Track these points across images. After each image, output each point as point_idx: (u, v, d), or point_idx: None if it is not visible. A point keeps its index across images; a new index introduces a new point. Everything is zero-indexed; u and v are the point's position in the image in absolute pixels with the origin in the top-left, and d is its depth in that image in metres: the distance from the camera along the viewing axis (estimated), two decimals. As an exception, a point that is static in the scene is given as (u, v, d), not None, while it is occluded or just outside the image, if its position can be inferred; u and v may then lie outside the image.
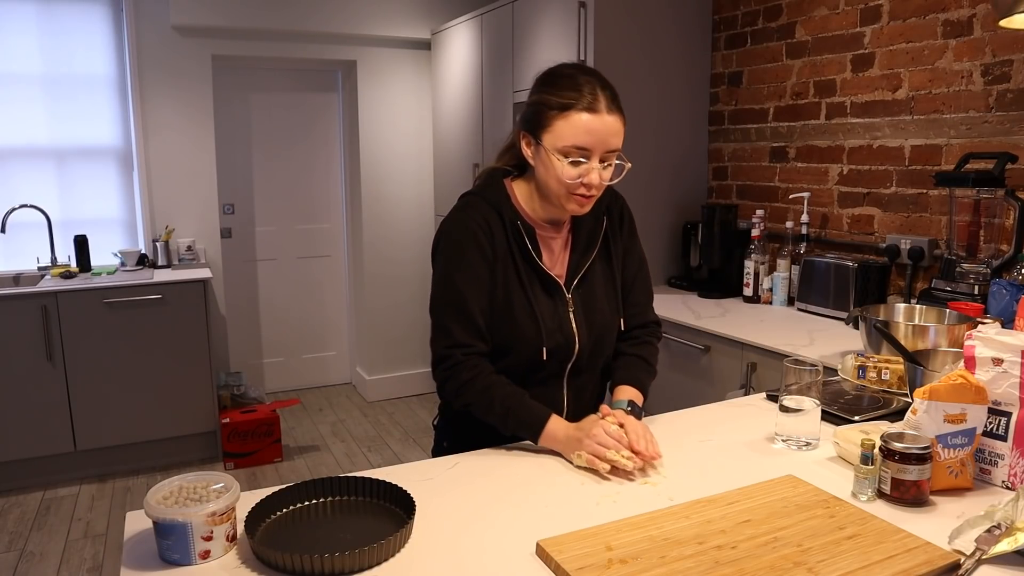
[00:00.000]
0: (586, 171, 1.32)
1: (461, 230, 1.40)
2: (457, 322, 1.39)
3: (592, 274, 1.49)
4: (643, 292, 1.58)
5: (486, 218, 1.41)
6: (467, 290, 1.38)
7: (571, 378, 1.50)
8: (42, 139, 3.91)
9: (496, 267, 1.40)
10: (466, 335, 1.39)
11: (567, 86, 1.32)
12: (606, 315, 1.50)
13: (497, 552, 1.05)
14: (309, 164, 4.74)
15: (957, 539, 1.04)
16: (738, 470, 1.32)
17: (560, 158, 1.32)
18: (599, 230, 1.49)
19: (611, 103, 1.32)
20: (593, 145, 1.31)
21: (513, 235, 1.41)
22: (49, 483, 3.55)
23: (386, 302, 4.72)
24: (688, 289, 3.19)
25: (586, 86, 1.32)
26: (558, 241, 1.48)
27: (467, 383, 1.38)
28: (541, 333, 1.42)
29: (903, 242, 2.54)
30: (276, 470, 3.74)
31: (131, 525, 1.12)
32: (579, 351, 1.46)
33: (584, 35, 3.04)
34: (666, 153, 3.28)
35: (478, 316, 1.39)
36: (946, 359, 1.50)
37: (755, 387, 2.33)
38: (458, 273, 1.39)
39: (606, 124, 1.31)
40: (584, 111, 1.30)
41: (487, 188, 1.46)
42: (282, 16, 4.15)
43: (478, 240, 1.39)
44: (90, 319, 3.46)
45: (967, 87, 2.38)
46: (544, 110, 1.33)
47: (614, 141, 1.33)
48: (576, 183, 1.33)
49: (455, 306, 1.39)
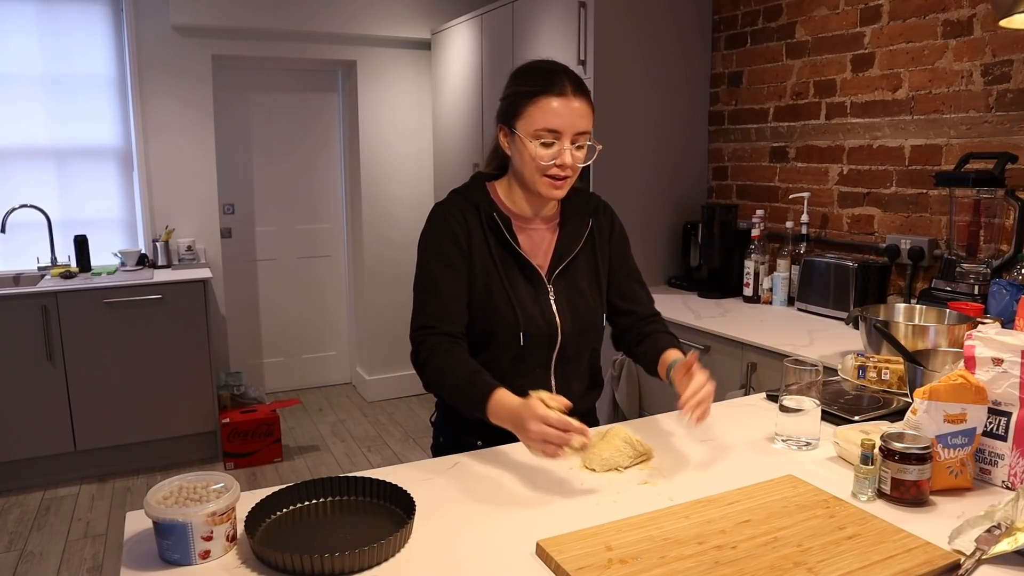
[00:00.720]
0: (558, 152, 1.41)
1: (437, 223, 1.49)
2: (425, 305, 1.46)
3: (576, 266, 1.54)
4: (644, 290, 1.65)
5: (462, 212, 1.49)
6: (439, 276, 1.46)
7: (557, 367, 1.53)
8: (42, 139, 3.91)
9: (473, 257, 1.47)
10: (431, 317, 1.45)
11: (535, 76, 1.43)
12: (590, 306, 1.54)
13: (497, 552, 1.05)
14: (309, 164, 4.74)
15: (957, 539, 1.04)
16: (738, 470, 1.32)
17: (533, 141, 1.40)
18: (584, 227, 1.55)
19: (576, 88, 1.41)
20: (563, 127, 1.39)
21: (489, 225, 1.49)
22: (49, 483, 3.55)
23: (386, 302, 4.72)
24: (688, 289, 3.19)
25: (552, 75, 1.41)
26: (543, 233, 1.54)
27: (424, 362, 1.43)
28: (518, 317, 1.46)
29: (903, 242, 2.54)
30: (276, 470, 3.74)
31: (131, 525, 1.12)
32: (562, 338, 1.50)
33: (584, 35, 3.04)
34: (666, 153, 3.28)
35: (449, 299, 1.45)
36: (946, 359, 1.50)
37: (755, 387, 2.33)
38: (431, 261, 1.47)
39: (572, 107, 1.40)
40: (552, 96, 1.39)
41: (469, 187, 1.56)
42: (282, 16, 4.15)
43: (452, 231, 1.47)
44: (90, 319, 3.46)
45: (967, 87, 2.38)
46: (516, 100, 1.43)
47: (582, 123, 1.41)
48: (549, 164, 1.41)
49: (425, 291, 1.47)
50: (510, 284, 1.47)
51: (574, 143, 1.41)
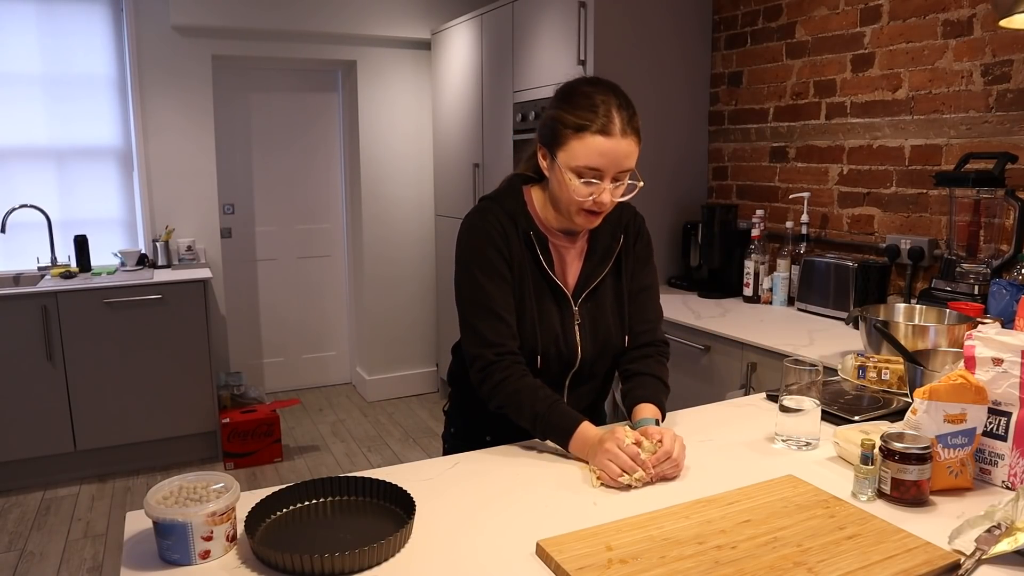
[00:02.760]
0: (597, 191, 1.35)
1: (480, 231, 1.43)
2: (485, 321, 1.41)
3: (602, 288, 1.50)
4: (654, 310, 1.57)
5: (502, 224, 1.43)
6: (491, 288, 1.41)
7: (572, 386, 1.52)
8: (42, 139, 3.91)
9: (513, 271, 1.43)
10: (495, 334, 1.40)
11: (584, 105, 1.33)
12: (611, 329, 1.50)
13: (497, 552, 1.05)
14: (309, 164, 4.74)
15: (957, 539, 1.04)
16: (738, 470, 1.32)
17: (572, 177, 1.34)
18: (615, 246, 1.51)
19: (626, 125, 1.32)
20: (606, 167, 1.32)
21: (526, 244, 1.44)
22: (49, 483, 3.55)
23: (386, 302, 4.72)
24: (688, 289, 3.19)
25: (602, 106, 1.32)
26: (572, 251, 1.50)
27: (498, 385, 1.39)
28: (539, 342, 1.44)
29: (903, 242, 2.54)
30: (276, 470, 3.74)
31: (131, 525, 1.12)
32: (581, 362, 1.49)
33: (584, 35, 3.04)
34: (666, 153, 3.28)
35: (505, 313, 1.41)
36: (946, 359, 1.50)
37: (755, 387, 2.33)
38: (481, 272, 1.41)
39: (619, 147, 1.32)
40: (598, 133, 1.31)
41: (505, 194, 1.48)
42: (282, 16, 4.15)
43: (496, 243, 1.42)
44: (90, 319, 3.46)
45: (967, 87, 2.38)
46: (560, 128, 1.34)
47: (627, 163, 1.34)
48: (587, 200, 1.35)
49: (481, 305, 1.41)
50: (538, 306, 1.44)
51: (615, 180, 1.35)
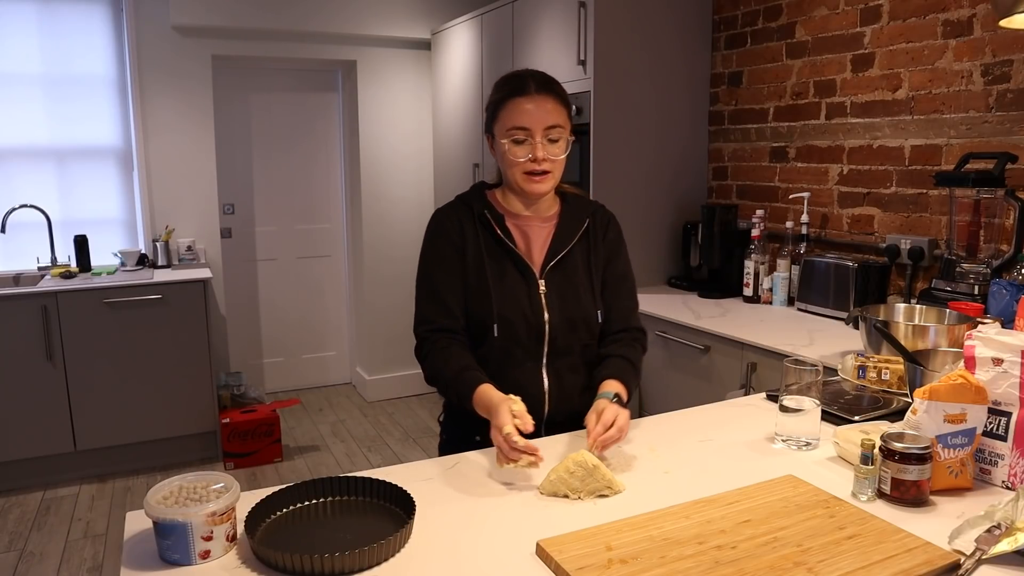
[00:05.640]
0: (530, 148, 1.49)
1: (433, 225, 1.60)
2: (423, 301, 1.56)
3: (571, 262, 1.58)
4: (629, 297, 1.66)
5: (456, 212, 1.59)
6: (435, 272, 1.55)
7: (550, 362, 1.55)
8: (42, 139, 3.91)
9: (466, 253, 1.55)
10: (431, 312, 1.54)
11: (504, 83, 1.54)
12: (580, 300, 1.57)
13: (497, 552, 1.05)
14: (309, 164, 4.74)
15: (957, 539, 1.04)
16: (738, 470, 1.32)
17: (507, 142, 1.50)
18: (580, 226, 1.61)
19: (540, 85, 1.50)
20: (530, 123, 1.48)
21: (481, 222, 1.57)
22: (49, 483, 3.55)
23: (386, 302, 4.72)
24: (688, 289, 3.19)
25: (516, 78, 1.52)
26: (540, 229, 1.60)
27: (426, 357, 1.52)
28: (494, 309, 1.51)
29: (903, 242, 2.54)
30: (276, 470, 3.74)
31: (131, 525, 1.12)
32: (551, 330, 1.53)
33: (584, 35, 3.04)
34: (666, 153, 3.28)
35: (445, 294, 1.53)
36: (946, 359, 1.50)
37: (755, 387, 2.33)
38: (429, 261, 1.57)
39: (537, 102, 1.48)
40: (515, 95, 1.49)
41: (466, 192, 1.64)
42: (282, 16, 4.15)
43: (446, 230, 1.56)
44: (90, 319, 3.46)
45: (967, 87, 2.38)
46: (491, 108, 1.54)
47: (550, 118, 1.49)
48: (524, 160, 1.49)
49: (423, 288, 1.57)
50: (499, 277, 1.53)
51: (547, 137, 1.49)
